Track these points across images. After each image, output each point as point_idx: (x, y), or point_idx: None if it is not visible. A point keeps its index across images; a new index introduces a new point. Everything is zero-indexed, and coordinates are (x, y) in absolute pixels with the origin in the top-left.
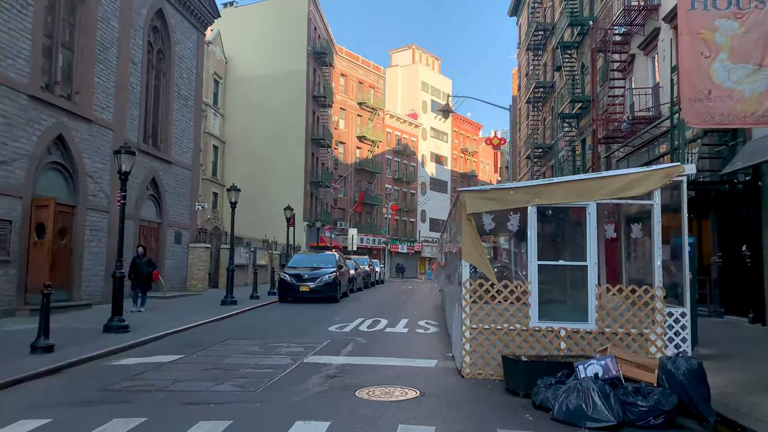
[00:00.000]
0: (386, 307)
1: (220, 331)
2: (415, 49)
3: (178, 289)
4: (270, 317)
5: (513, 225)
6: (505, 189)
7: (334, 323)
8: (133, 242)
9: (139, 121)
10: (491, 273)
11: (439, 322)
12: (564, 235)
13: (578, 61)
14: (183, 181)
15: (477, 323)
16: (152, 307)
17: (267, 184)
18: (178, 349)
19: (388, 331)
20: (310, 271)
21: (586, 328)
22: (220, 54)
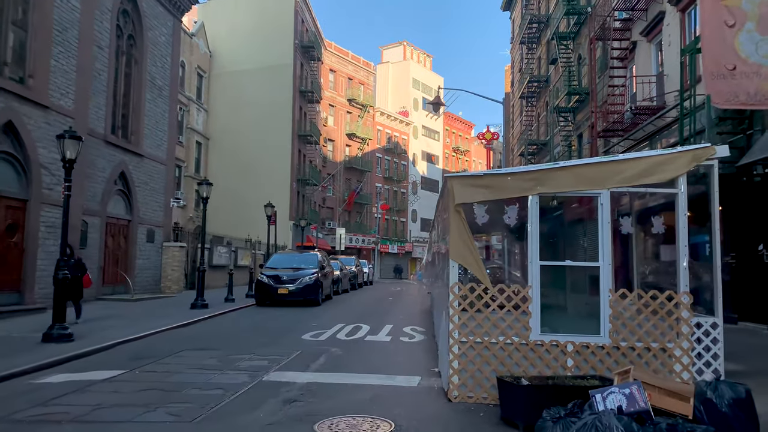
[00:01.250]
0: (371, 311)
1: (179, 340)
2: (406, 45)
3: (151, 291)
4: (241, 323)
5: (510, 218)
6: (502, 174)
7: (311, 330)
8: (98, 241)
9: (106, 111)
10: (484, 275)
11: (426, 328)
12: (561, 233)
13: (575, 52)
14: (156, 176)
15: (467, 336)
16: (114, 311)
17: (252, 181)
18: (122, 362)
19: (368, 339)
20: (290, 272)
21: (598, 341)
22: (204, 47)
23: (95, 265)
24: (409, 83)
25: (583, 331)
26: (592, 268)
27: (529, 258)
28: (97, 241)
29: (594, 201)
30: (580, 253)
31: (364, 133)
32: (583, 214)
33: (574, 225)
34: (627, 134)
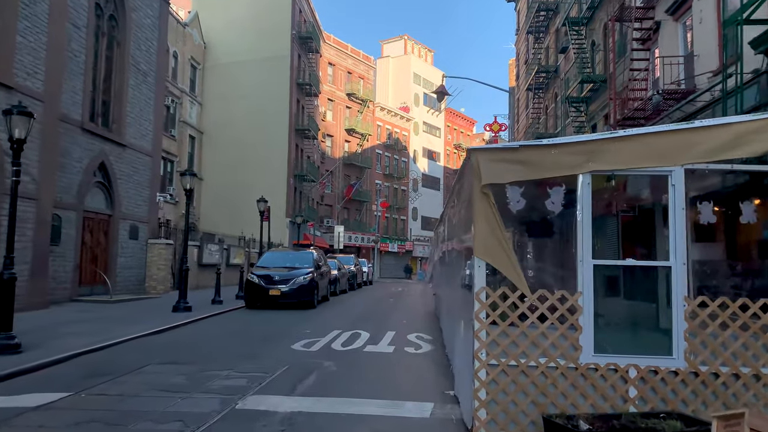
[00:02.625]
0: (371, 314)
1: (149, 350)
2: (407, 39)
3: (134, 291)
4: (225, 329)
5: (555, 203)
6: (543, 147)
7: (303, 337)
8: (75, 237)
9: (84, 95)
10: (520, 278)
11: (433, 336)
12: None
13: (588, 38)
14: (141, 168)
15: (498, 357)
16: (87, 314)
17: (247, 177)
18: (71, 381)
19: (368, 350)
20: (283, 271)
21: (670, 365)
22: (198, 38)
23: (70, 264)
24: (409, 78)
25: (649, 352)
26: (649, 270)
27: (578, 256)
28: (72, 237)
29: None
30: (610, 252)
31: (364, 129)
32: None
33: (601, 219)
34: (650, 122)
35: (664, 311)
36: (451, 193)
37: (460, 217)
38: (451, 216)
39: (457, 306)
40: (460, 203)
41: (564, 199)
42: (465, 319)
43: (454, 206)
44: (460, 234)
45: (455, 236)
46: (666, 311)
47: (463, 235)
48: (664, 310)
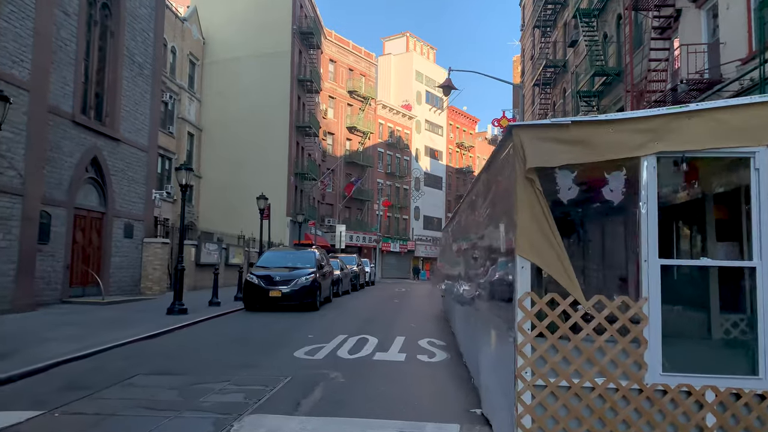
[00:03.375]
0: (376, 316)
1: (138, 358)
2: (409, 36)
3: (129, 292)
4: (221, 333)
5: (614, 190)
6: (599, 123)
7: (306, 343)
8: (65, 235)
9: (75, 87)
10: (573, 281)
11: (446, 341)
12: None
13: (600, 30)
14: (136, 164)
15: (546, 376)
16: (76, 316)
17: (247, 175)
18: (45, 396)
19: (378, 358)
20: (284, 271)
21: (756, 387)
22: (197, 33)
23: (60, 263)
24: (412, 76)
25: (729, 370)
26: (724, 273)
27: (642, 254)
28: (62, 235)
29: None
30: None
31: (366, 127)
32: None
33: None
34: None
35: (742, 321)
36: (473, 185)
37: (489, 211)
38: (472, 211)
39: (481, 312)
40: (490, 194)
41: (614, 187)
42: (497, 329)
43: (477, 199)
44: (486, 231)
45: (479, 233)
46: (744, 320)
47: (492, 231)
48: (742, 319)
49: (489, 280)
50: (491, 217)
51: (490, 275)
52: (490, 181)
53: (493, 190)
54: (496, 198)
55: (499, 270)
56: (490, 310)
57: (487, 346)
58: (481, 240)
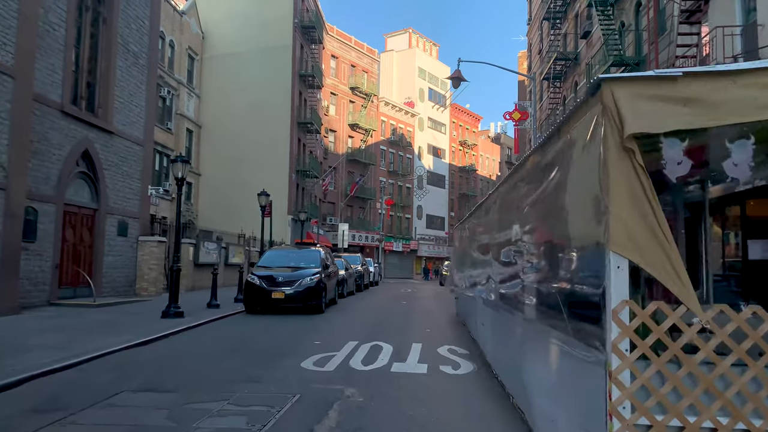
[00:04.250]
0: (386, 320)
1: (127, 369)
2: (412, 33)
3: (123, 293)
4: (220, 340)
5: (739, 165)
6: (719, 75)
7: (313, 351)
8: (54, 233)
9: (64, 75)
10: (687, 287)
11: (468, 349)
12: None
13: (617, 19)
14: (130, 158)
15: (649, 413)
16: (63, 320)
17: (247, 172)
18: (12, 419)
19: (396, 370)
20: (287, 271)
21: None
22: (195, 27)
23: (48, 263)
24: (414, 72)
25: None
26: None
27: None
28: (51, 233)
29: None
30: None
31: (368, 124)
32: None
33: None
34: None
35: None
36: (515, 171)
37: (548, 199)
38: (512, 202)
39: (530, 322)
40: (551, 177)
41: (740, 160)
42: (562, 344)
43: (521, 187)
44: (541, 223)
45: (526, 227)
46: None
47: (552, 223)
48: None
49: (547, 282)
50: (552, 206)
51: (548, 276)
52: (554, 160)
53: (558, 172)
54: (563, 181)
55: (567, 269)
56: (546, 319)
57: (541, 364)
58: (531, 234)
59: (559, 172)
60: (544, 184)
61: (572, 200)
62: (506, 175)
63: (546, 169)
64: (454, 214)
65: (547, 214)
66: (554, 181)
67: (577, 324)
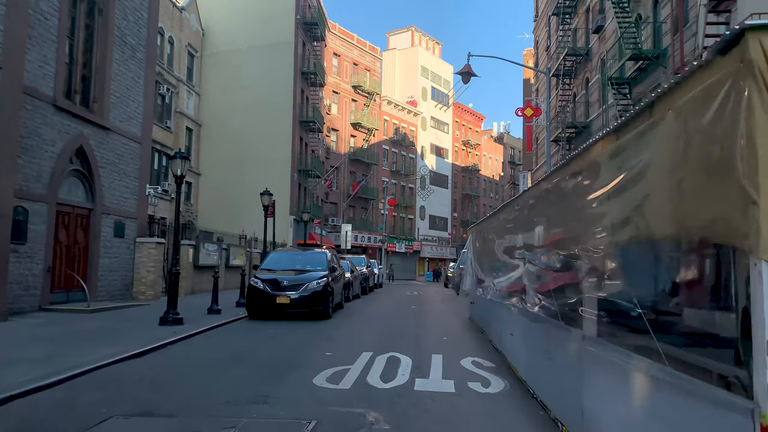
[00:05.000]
0: (398, 326)
1: (118, 387)
2: (414, 31)
3: (119, 297)
4: (222, 351)
5: None
6: None
7: (325, 364)
8: (46, 234)
9: (57, 68)
10: None
11: (493, 361)
12: None
13: (633, 12)
14: (127, 156)
15: None
16: (54, 327)
17: (248, 172)
18: None
19: (420, 387)
20: (292, 275)
21: None
22: (195, 23)
23: (39, 266)
24: (417, 71)
25: None
26: None
27: None
28: (42, 234)
29: None
30: None
31: (370, 123)
32: None
33: None
34: None
35: None
36: (573, 159)
37: (620, 192)
38: (566, 195)
39: (588, 338)
40: (626, 166)
41: None
42: (643, 369)
43: (583, 176)
44: (610, 221)
45: (583, 226)
46: None
47: (622, 223)
48: None
49: (627, 294)
50: (645, 200)
51: (630, 289)
52: (642, 144)
53: (653, 157)
54: (665, 168)
55: (666, 281)
56: (626, 340)
57: (617, 394)
58: (603, 237)
59: (656, 157)
60: (627, 174)
61: (681, 192)
62: (557, 167)
63: (628, 156)
64: (457, 214)
65: (635, 211)
66: (647, 170)
67: (683, 352)
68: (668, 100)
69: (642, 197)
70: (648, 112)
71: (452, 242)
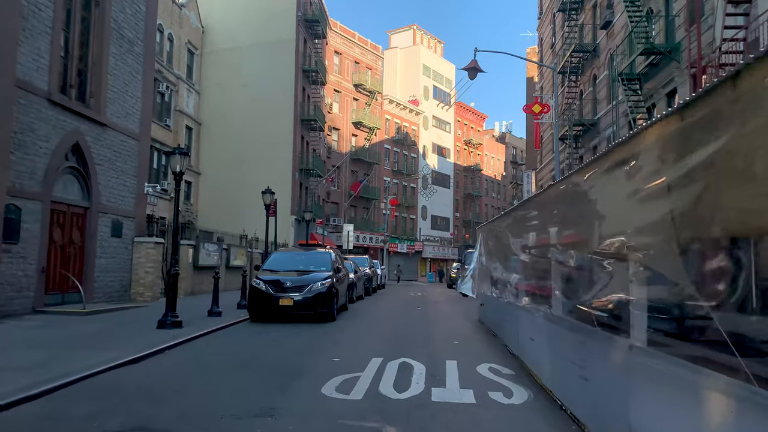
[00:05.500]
0: (406, 329)
1: (111, 398)
2: (416, 29)
3: (117, 299)
4: (224, 356)
5: None
6: None
7: (333, 371)
8: (40, 233)
9: (51, 61)
10: None
11: (511, 367)
12: None
13: (644, 6)
14: (125, 153)
15: None
16: (47, 331)
17: (249, 171)
18: None
19: (438, 398)
20: (295, 275)
21: None
22: (195, 21)
23: (33, 266)
24: (419, 70)
25: None
26: None
27: None
28: (36, 233)
29: None
30: None
31: (372, 122)
32: None
33: None
34: None
35: None
36: (624, 144)
37: (689, 179)
38: (610, 188)
39: (637, 348)
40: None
41: None
42: (716, 383)
43: (635, 165)
44: (673, 216)
45: (631, 223)
46: None
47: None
48: None
49: (694, 298)
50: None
51: (699, 292)
52: (739, 115)
53: (754, 133)
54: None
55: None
56: (692, 351)
57: (684, 413)
58: (659, 235)
59: (741, 138)
60: (699, 158)
61: None
62: (600, 155)
63: (697, 138)
64: (459, 215)
65: (710, 201)
66: (727, 153)
67: None
68: None
69: (722, 183)
70: (731, 84)
71: (454, 242)
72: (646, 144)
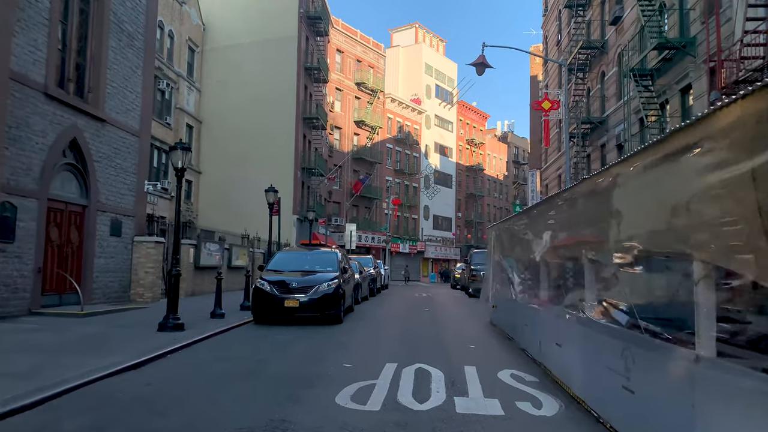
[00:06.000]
0: (416, 331)
1: (108, 408)
2: (418, 28)
3: (116, 299)
4: (229, 361)
5: None
6: None
7: (346, 379)
8: (36, 232)
9: (48, 54)
10: None
11: (534, 373)
12: None
13: (657, 0)
14: (124, 150)
15: None
16: (42, 334)
17: (250, 170)
18: None
19: (463, 410)
20: (301, 276)
21: None
22: (196, 18)
23: (29, 266)
24: (421, 69)
25: None
26: None
27: None
28: (32, 232)
29: None
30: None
31: (374, 121)
32: None
33: None
34: None
35: None
36: (680, 130)
37: None
38: (659, 182)
39: (708, 360)
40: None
41: None
42: None
43: (696, 154)
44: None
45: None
46: None
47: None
48: None
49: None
50: None
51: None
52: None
53: None
54: None
55: None
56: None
57: None
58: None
59: None
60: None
61: None
62: (654, 142)
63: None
64: (462, 215)
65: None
66: None
67: None
68: None
69: None
70: None
71: (457, 242)
72: (727, 124)
